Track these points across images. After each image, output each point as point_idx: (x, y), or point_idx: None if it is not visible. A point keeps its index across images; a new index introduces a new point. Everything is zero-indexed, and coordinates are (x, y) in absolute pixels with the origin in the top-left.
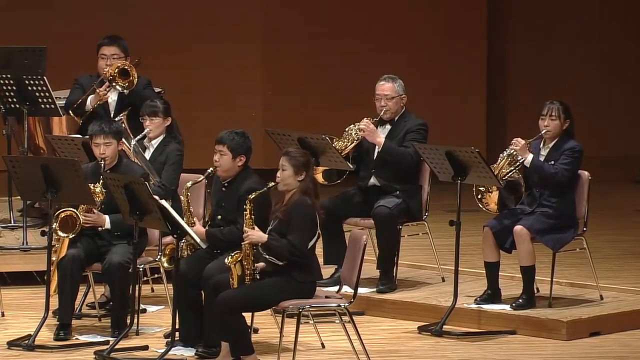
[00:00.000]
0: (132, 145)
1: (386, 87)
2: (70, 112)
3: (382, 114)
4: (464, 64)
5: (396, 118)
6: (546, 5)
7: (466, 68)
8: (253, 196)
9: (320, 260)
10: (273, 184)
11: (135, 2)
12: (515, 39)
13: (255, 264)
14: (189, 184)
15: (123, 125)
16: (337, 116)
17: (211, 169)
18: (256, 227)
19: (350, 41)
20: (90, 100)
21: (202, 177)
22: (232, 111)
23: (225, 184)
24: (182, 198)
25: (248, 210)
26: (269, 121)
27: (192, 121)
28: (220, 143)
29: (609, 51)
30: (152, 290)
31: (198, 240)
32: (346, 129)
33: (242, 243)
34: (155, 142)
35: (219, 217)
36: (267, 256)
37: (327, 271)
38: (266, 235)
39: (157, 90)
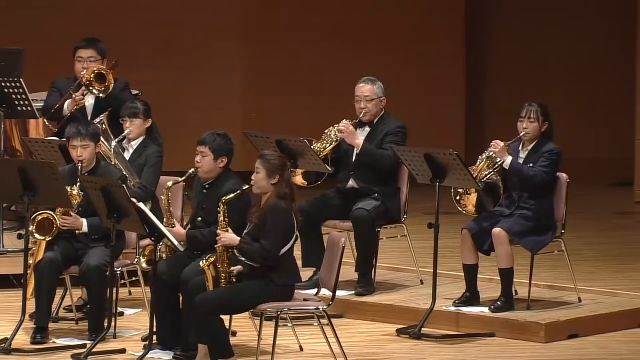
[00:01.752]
0: (112, 147)
1: (366, 89)
2: (47, 119)
3: (361, 116)
4: (442, 65)
5: (375, 120)
6: (526, 4)
7: (444, 70)
8: (227, 199)
9: (299, 263)
10: (247, 186)
11: (114, 5)
12: (494, 39)
13: (232, 267)
14: (169, 184)
15: (104, 127)
16: (316, 118)
17: (192, 170)
18: (230, 230)
19: (330, 43)
20: (67, 105)
21: (183, 178)
22: (213, 113)
23: (207, 186)
24: (162, 198)
25: (222, 212)
26: (248, 123)
27: (172, 124)
28: (202, 144)
29: (591, 52)
30: (130, 293)
31: (176, 242)
32: (325, 131)
33: (215, 246)
34: (135, 144)
35: (200, 219)
36: (244, 259)
37: (305, 274)
38: (238, 238)
39: (134, 92)
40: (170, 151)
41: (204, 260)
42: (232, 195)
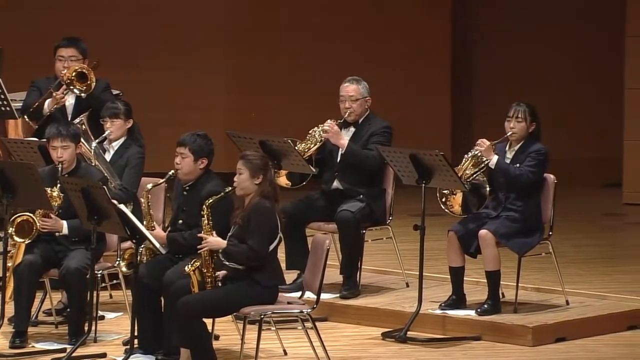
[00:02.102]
0: (92, 148)
1: (350, 89)
2: (27, 116)
3: (346, 115)
4: (428, 65)
5: (360, 120)
6: (514, 4)
7: (431, 69)
8: (211, 201)
9: (283, 265)
10: (231, 188)
11: (96, 4)
12: (482, 39)
13: (217, 272)
14: (149, 186)
15: (84, 127)
16: (301, 118)
17: (172, 171)
18: (214, 233)
19: (314, 43)
20: (47, 104)
21: (163, 179)
22: (196, 113)
23: (187, 188)
24: (142, 200)
25: (206, 216)
26: (231, 124)
27: (154, 124)
28: (181, 145)
29: (579, 52)
30: (111, 296)
31: (157, 245)
32: (310, 131)
33: (200, 250)
34: (116, 145)
35: (180, 221)
36: (227, 263)
37: (289, 276)
38: (225, 242)
39: (115, 92)
40: (152, 152)
41: (189, 265)
42: (215, 198)
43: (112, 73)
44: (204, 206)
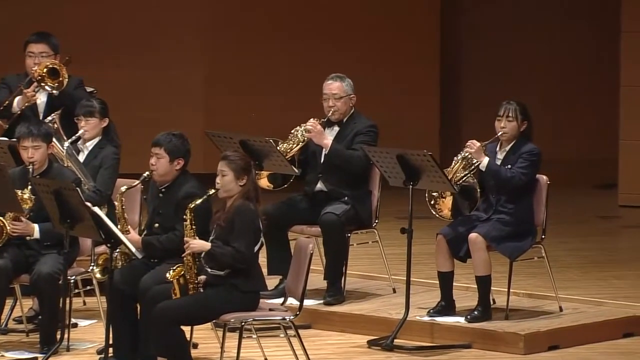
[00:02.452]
0: (64, 148)
1: (334, 87)
2: None
3: (329, 114)
4: (416, 63)
5: (345, 119)
6: (504, 2)
7: (419, 68)
8: (193, 205)
9: (264, 270)
10: (213, 191)
11: None
12: (471, 36)
13: (198, 277)
14: (123, 189)
15: (55, 126)
16: (282, 117)
17: (147, 173)
18: (197, 237)
19: (297, 40)
20: (17, 102)
21: (137, 181)
22: (173, 112)
23: (163, 189)
24: (116, 203)
25: (189, 220)
26: (209, 123)
27: (129, 124)
28: (156, 145)
29: (572, 51)
30: (84, 303)
31: (133, 249)
32: (292, 131)
33: (184, 255)
34: (90, 145)
35: (156, 224)
36: (209, 269)
37: (271, 282)
38: (209, 244)
39: (89, 89)
40: (128, 152)
41: (171, 271)
42: (198, 202)
43: (85, 70)
44: (186, 210)
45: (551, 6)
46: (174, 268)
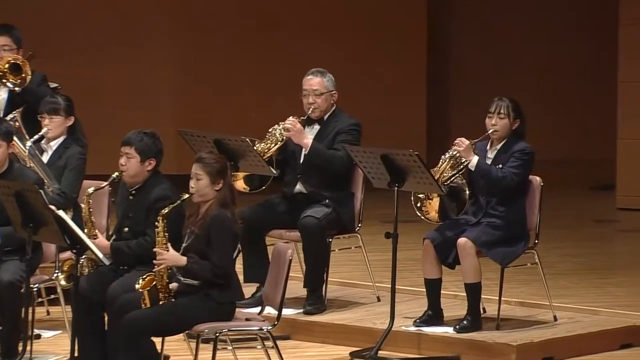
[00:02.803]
0: (27, 148)
1: (314, 82)
2: None
3: (309, 112)
4: (402, 59)
5: (326, 117)
6: None
7: (405, 64)
8: (166, 211)
9: (240, 277)
10: (187, 195)
11: None
12: (459, 30)
13: (170, 285)
14: (90, 190)
15: (17, 124)
16: (259, 115)
17: (116, 173)
18: (170, 247)
19: (276, 35)
20: None
21: (105, 183)
22: (143, 110)
23: (133, 192)
24: (83, 206)
25: (161, 227)
26: (182, 121)
27: (97, 122)
28: (127, 145)
29: (566, 45)
30: (48, 313)
31: (101, 255)
32: (270, 129)
33: (156, 269)
34: (55, 144)
35: (126, 229)
36: (181, 278)
37: (247, 290)
38: (184, 258)
39: (53, 85)
40: (95, 152)
41: (141, 281)
42: (171, 207)
43: (50, 65)
44: (158, 217)
45: (546, 1)
46: (144, 277)
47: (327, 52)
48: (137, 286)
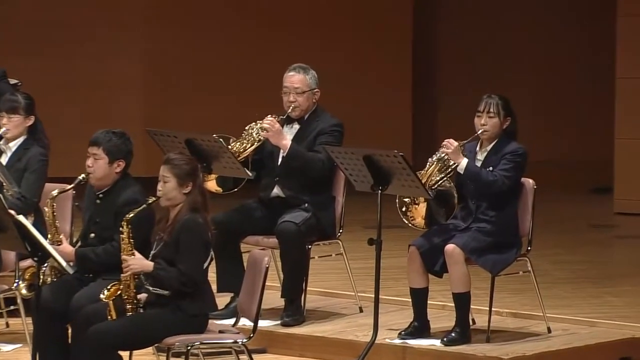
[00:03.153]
0: None
1: (296, 79)
2: None
3: (289, 110)
4: (387, 56)
5: (306, 116)
6: None
7: (389, 61)
8: (131, 215)
9: (213, 287)
10: (154, 198)
11: None
12: (447, 26)
13: (138, 296)
14: (54, 193)
15: None
16: (235, 114)
17: (83, 175)
18: (137, 253)
19: (254, 28)
20: None
21: (71, 185)
22: (110, 108)
23: (100, 195)
24: (45, 210)
25: (126, 233)
26: (150, 119)
27: (60, 121)
28: (94, 145)
29: (560, 39)
30: (7, 325)
31: (64, 263)
32: (246, 128)
33: (122, 275)
34: (14, 145)
35: (92, 234)
36: (150, 287)
37: (221, 300)
38: (151, 264)
39: (13, 82)
40: (58, 154)
41: (106, 291)
42: (135, 211)
43: (9, 60)
44: (122, 222)
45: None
46: (109, 287)
47: (303, 47)
48: (102, 296)
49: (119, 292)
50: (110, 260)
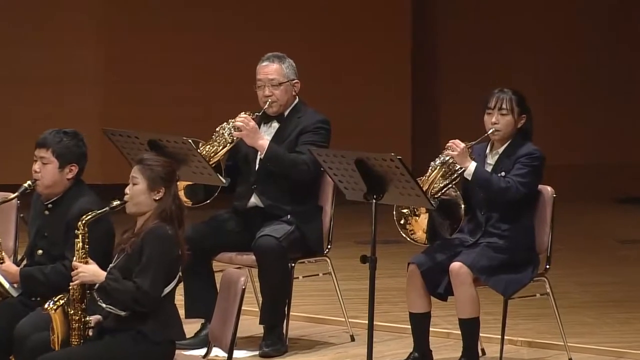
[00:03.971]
0: None
1: (271, 70)
2: None
3: (266, 106)
4: (382, 48)
5: (286, 112)
6: None
7: (386, 54)
8: (89, 217)
9: (181, 312)
10: (118, 202)
11: None
12: (449, 18)
13: (88, 316)
14: None
15: None
16: (204, 111)
17: (29, 182)
18: (91, 262)
19: (228, 15)
20: None
21: (14, 194)
22: (61, 106)
23: (49, 205)
24: None
25: (81, 236)
26: (108, 118)
27: (3, 120)
28: (42, 147)
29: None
30: None
31: (7, 285)
32: (216, 129)
33: (71, 284)
34: None
35: (40, 251)
36: (105, 305)
37: (190, 328)
38: (103, 273)
39: None
40: (0, 157)
41: (51, 302)
42: (96, 213)
43: None
44: (79, 223)
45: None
46: (55, 299)
47: (286, 35)
48: (45, 306)
49: (63, 304)
50: (61, 281)
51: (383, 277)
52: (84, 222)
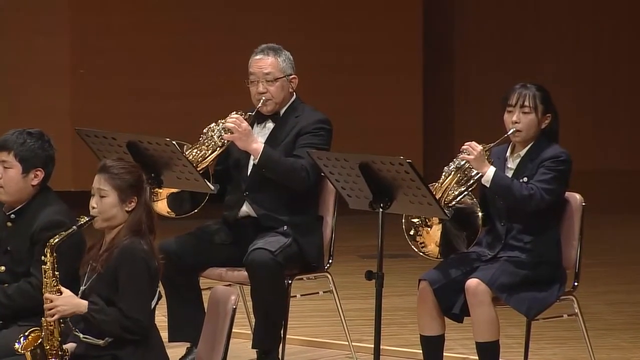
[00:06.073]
0: None
1: (265, 63)
2: None
3: (260, 105)
4: (391, 43)
5: (282, 111)
6: None
7: (395, 49)
8: (56, 240)
9: (164, 335)
10: (86, 219)
11: None
12: (464, 8)
13: (63, 346)
14: None
15: None
16: (190, 109)
17: None
18: (65, 290)
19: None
20: None
21: None
22: (28, 103)
23: (12, 216)
24: None
25: (49, 264)
26: (80, 116)
27: None
28: (3, 149)
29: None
30: None
31: None
32: (204, 131)
33: (46, 319)
34: None
35: (2, 268)
36: (81, 335)
37: (174, 353)
38: (85, 303)
39: None
40: None
41: (23, 340)
42: (63, 235)
43: None
44: (46, 249)
45: None
46: (26, 334)
47: (283, 26)
48: (17, 346)
49: (39, 342)
50: (27, 301)
51: (391, 295)
52: (51, 245)
